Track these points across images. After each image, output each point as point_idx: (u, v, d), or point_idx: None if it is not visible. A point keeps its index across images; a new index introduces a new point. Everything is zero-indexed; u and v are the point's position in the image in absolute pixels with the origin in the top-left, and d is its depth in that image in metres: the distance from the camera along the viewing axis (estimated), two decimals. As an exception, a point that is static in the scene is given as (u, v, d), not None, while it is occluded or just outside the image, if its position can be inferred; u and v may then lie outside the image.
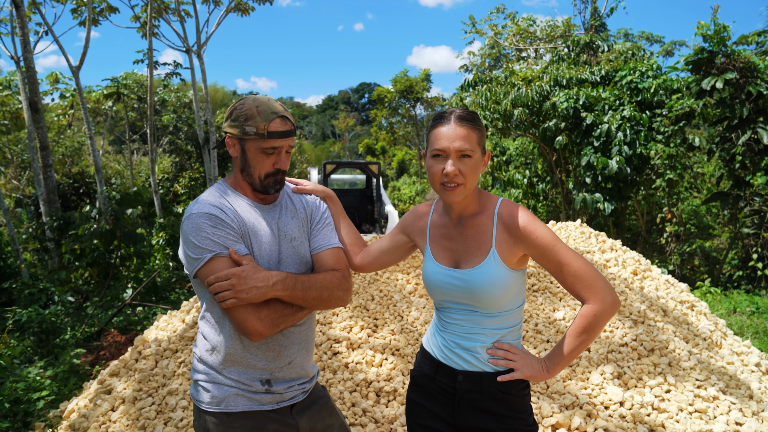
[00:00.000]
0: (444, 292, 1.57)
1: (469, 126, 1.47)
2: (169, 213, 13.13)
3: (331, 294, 1.57)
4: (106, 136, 21.18)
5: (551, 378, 1.36)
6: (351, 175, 14.50)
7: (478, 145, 1.49)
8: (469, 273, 1.52)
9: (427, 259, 1.63)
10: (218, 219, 1.48)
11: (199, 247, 1.46)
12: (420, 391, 1.66)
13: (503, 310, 1.54)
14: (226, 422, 1.53)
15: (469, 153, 1.47)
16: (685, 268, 8.23)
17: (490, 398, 1.55)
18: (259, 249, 1.55)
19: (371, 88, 57.59)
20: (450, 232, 1.60)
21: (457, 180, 1.47)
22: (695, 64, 7.80)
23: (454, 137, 1.46)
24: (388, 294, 3.99)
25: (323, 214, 1.72)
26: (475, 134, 1.48)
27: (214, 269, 1.45)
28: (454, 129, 1.46)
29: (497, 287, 1.49)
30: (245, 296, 1.42)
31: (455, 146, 1.46)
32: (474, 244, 1.54)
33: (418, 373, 1.69)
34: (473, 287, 1.51)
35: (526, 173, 10.77)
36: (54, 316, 5.18)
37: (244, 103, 1.55)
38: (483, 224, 1.54)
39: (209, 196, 1.55)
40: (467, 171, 1.47)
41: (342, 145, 37.34)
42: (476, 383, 1.55)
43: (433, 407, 1.63)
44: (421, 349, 1.72)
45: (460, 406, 1.58)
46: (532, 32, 18.18)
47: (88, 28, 10.73)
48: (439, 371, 1.61)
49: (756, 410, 2.95)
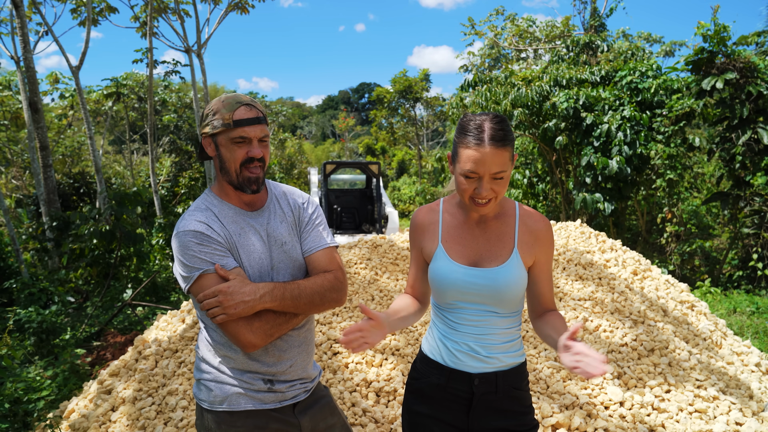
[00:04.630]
0: (462, 292, 1.54)
1: (503, 147, 1.42)
2: (169, 213, 13.13)
3: (324, 297, 1.56)
4: (106, 136, 21.18)
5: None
6: (351, 175, 14.50)
7: (510, 161, 1.46)
8: (494, 271, 1.52)
9: (440, 258, 1.58)
10: (204, 236, 1.48)
11: (188, 265, 1.47)
12: (428, 403, 1.60)
13: (515, 311, 1.59)
14: (228, 421, 1.53)
15: (502, 176, 1.45)
16: (685, 268, 8.23)
17: (505, 396, 1.57)
18: (249, 258, 1.54)
19: (371, 88, 57.59)
20: (469, 232, 1.59)
21: (489, 196, 1.47)
22: (695, 64, 7.80)
23: (490, 163, 1.41)
24: (388, 294, 3.99)
25: (312, 215, 1.69)
26: (508, 153, 1.44)
27: (203, 286, 1.46)
28: (490, 154, 1.41)
29: (519, 287, 1.54)
30: (234, 311, 1.43)
31: (491, 171, 1.43)
32: (498, 243, 1.56)
33: (424, 384, 1.61)
34: (498, 285, 1.51)
35: (526, 173, 10.78)
36: (54, 316, 5.18)
37: (211, 102, 1.57)
38: (505, 225, 1.58)
39: (195, 210, 1.54)
40: (500, 189, 1.47)
41: (342, 145, 37.33)
42: (492, 384, 1.56)
43: (445, 417, 1.58)
44: (424, 358, 1.65)
45: (477, 410, 1.56)
46: (531, 32, 18.17)
47: (87, 29, 10.73)
48: (452, 378, 1.57)
49: (756, 410, 2.95)
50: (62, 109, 17.32)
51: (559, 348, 1.35)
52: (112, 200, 7.46)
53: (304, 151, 28.15)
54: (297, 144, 25.38)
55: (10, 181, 16.73)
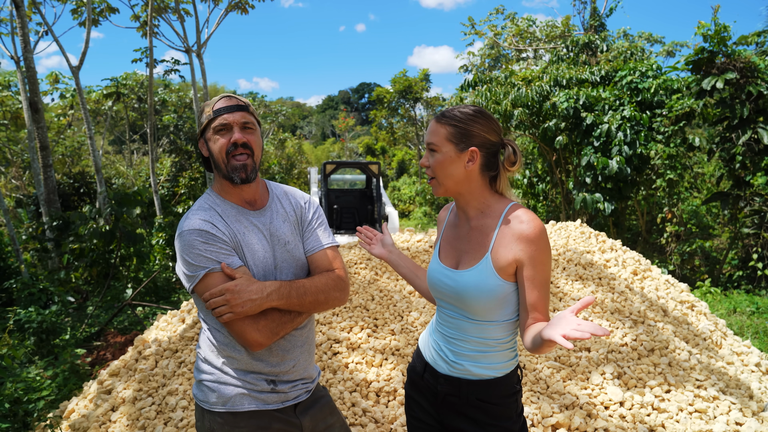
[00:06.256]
0: (438, 291, 1.60)
1: (441, 122, 1.51)
2: (169, 213, 13.13)
3: (328, 296, 1.57)
4: (106, 136, 21.17)
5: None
6: (351, 175, 14.50)
7: (446, 140, 1.49)
8: (459, 274, 1.52)
9: (433, 257, 1.66)
10: (209, 234, 1.48)
11: (193, 264, 1.46)
12: (413, 387, 1.72)
13: (488, 320, 1.50)
14: (231, 422, 1.53)
15: (434, 147, 1.51)
16: (685, 268, 8.22)
17: (469, 404, 1.55)
18: (253, 257, 1.54)
19: (371, 88, 57.59)
20: (459, 233, 1.61)
21: (428, 173, 1.55)
22: (695, 64, 7.80)
23: (428, 132, 1.54)
24: (388, 294, 3.99)
25: (314, 214, 1.70)
26: (443, 130, 1.50)
27: (209, 285, 1.45)
28: (431, 126, 1.54)
29: (483, 293, 1.46)
30: (241, 310, 1.42)
31: (425, 140, 1.55)
32: (477, 246, 1.53)
33: (411, 369, 1.74)
34: (460, 288, 1.51)
35: (525, 173, 10.77)
36: (54, 316, 5.18)
37: (201, 107, 1.62)
38: (487, 227, 1.52)
39: (198, 209, 1.55)
40: (434, 165, 1.52)
41: (342, 145, 37.32)
42: (456, 388, 1.56)
43: (423, 403, 1.68)
44: (417, 346, 1.77)
45: (442, 407, 1.61)
46: (531, 32, 18.17)
47: (88, 29, 10.73)
48: (427, 371, 1.66)
49: (756, 410, 2.95)
50: (62, 109, 17.32)
51: (552, 321, 1.23)
52: (112, 200, 7.46)
53: (303, 151, 28.14)
54: (297, 144, 25.37)
55: (10, 181, 16.73)
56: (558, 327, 1.20)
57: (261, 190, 1.65)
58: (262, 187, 1.66)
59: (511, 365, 1.57)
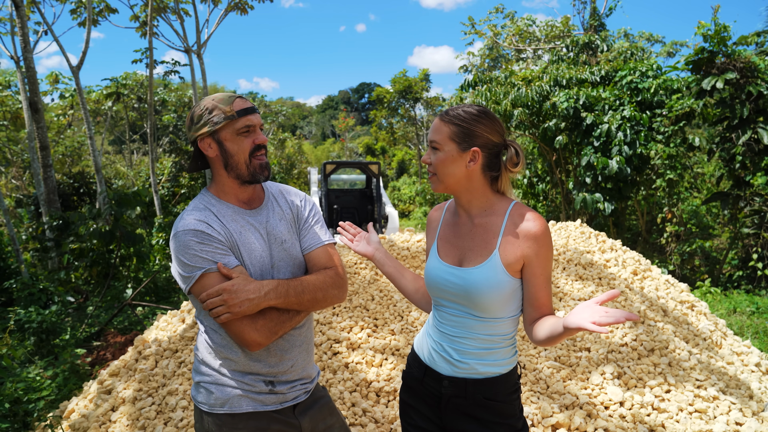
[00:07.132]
0: (442, 290, 1.57)
1: (445, 121, 1.53)
2: (169, 213, 13.13)
3: (326, 294, 1.57)
4: (106, 136, 21.17)
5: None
6: (351, 175, 14.50)
7: (449, 139, 1.51)
8: (467, 272, 1.51)
9: (432, 256, 1.63)
10: (205, 234, 1.46)
11: (189, 265, 1.45)
12: (410, 393, 1.68)
13: (495, 317, 1.52)
14: (230, 424, 1.52)
15: (436, 145, 1.53)
16: (685, 268, 8.22)
17: (475, 404, 1.55)
18: (250, 257, 1.53)
19: (371, 88, 57.58)
20: (460, 231, 1.60)
21: (430, 170, 1.56)
22: (695, 64, 7.80)
23: (431, 131, 1.57)
24: (388, 294, 3.99)
25: (311, 212, 1.70)
26: (446, 128, 1.52)
27: (206, 286, 1.44)
28: (435, 124, 1.56)
29: (492, 290, 1.48)
30: (238, 309, 1.41)
31: (429, 138, 1.56)
32: (481, 243, 1.53)
33: (408, 374, 1.71)
34: (469, 286, 1.50)
35: (525, 173, 10.77)
36: (54, 316, 5.18)
37: (198, 104, 1.55)
38: (492, 224, 1.53)
39: (193, 210, 1.53)
40: (436, 163, 1.53)
41: (342, 145, 37.33)
42: (461, 389, 1.55)
43: (423, 408, 1.64)
44: (412, 350, 1.73)
45: (447, 410, 1.59)
46: (531, 32, 18.17)
47: (87, 29, 10.73)
48: (427, 374, 1.62)
49: (756, 410, 2.95)
50: (62, 109, 17.32)
51: (576, 310, 1.30)
52: (111, 200, 7.46)
53: (303, 151, 28.14)
54: (297, 144, 25.38)
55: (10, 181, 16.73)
56: (584, 314, 1.26)
57: (257, 189, 1.64)
58: (258, 186, 1.65)
59: (514, 361, 1.59)
